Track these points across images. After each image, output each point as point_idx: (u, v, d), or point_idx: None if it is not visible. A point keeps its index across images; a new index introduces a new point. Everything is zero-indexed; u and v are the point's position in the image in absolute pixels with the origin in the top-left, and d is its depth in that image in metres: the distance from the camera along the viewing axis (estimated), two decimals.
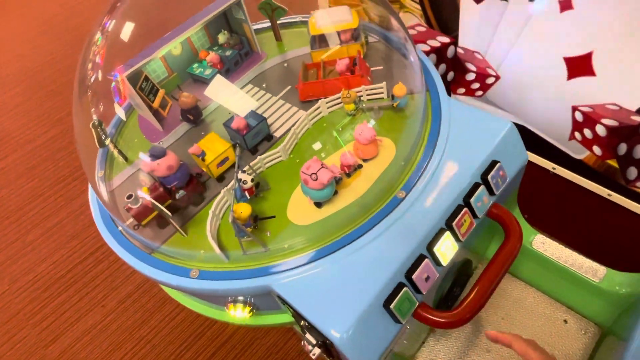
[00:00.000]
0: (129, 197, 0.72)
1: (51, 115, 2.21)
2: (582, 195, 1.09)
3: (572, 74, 0.94)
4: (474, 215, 0.73)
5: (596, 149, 0.98)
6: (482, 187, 0.73)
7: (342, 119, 0.89)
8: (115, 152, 0.90)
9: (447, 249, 0.69)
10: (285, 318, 0.80)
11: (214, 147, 0.80)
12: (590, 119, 0.95)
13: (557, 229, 1.14)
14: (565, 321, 0.92)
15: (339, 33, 0.95)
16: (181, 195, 0.75)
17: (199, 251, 0.73)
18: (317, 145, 0.85)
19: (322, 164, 0.69)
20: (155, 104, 0.98)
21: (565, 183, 1.10)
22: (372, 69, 0.96)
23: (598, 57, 0.88)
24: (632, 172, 0.95)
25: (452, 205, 0.72)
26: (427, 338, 0.94)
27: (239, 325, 0.83)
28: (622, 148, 0.93)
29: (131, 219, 0.80)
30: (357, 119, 0.87)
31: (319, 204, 0.74)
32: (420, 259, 0.67)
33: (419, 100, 0.82)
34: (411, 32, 1.10)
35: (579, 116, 0.98)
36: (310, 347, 0.72)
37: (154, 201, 0.69)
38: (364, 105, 0.87)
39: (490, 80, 1.13)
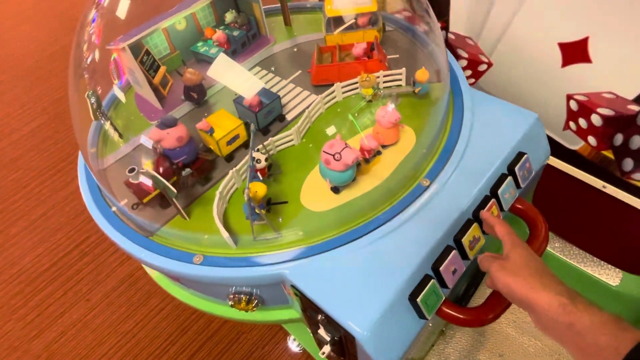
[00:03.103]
0: (131, 170, 0.65)
1: (37, 103, 2.12)
2: (576, 187, 1.06)
3: (567, 61, 0.89)
4: (501, 208, 0.69)
5: (591, 140, 0.95)
6: (509, 179, 0.69)
7: (357, 105, 0.84)
8: (110, 128, 0.82)
9: (474, 242, 0.65)
10: (291, 314, 0.74)
11: (224, 124, 0.74)
12: (585, 108, 0.91)
13: (549, 222, 1.11)
14: None
15: (356, 17, 0.91)
16: (187, 174, 0.69)
17: (204, 235, 0.66)
18: (331, 130, 0.80)
19: (345, 144, 0.63)
20: (156, 81, 0.91)
21: (559, 174, 1.07)
22: (388, 57, 0.92)
23: (594, 43, 0.83)
24: (628, 163, 0.91)
25: (479, 195, 0.67)
26: (437, 341, 0.89)
27: (228, 319, 0.77)
28: (618, 138, 0.90)
29: (126, 199, 0.73)
30: (374, 105, 0.83)
31: (336, 189, 0.69)
32: (447, 250, 0.62)
33: (443, 87, 0.78)
34: (398, 17, 1.06)
35: (573, 105, 0.93)
36: (322, 342, 0.66)
37: (157, 175, 0.62)
38: (381, 90, 0.83)
39: (482, 67, 1.08)
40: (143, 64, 0.87)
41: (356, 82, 0.84)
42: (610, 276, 0.85)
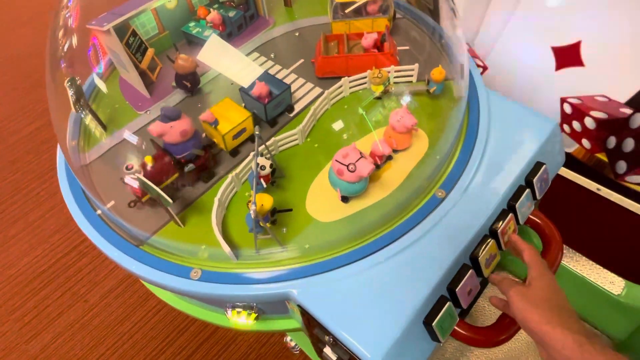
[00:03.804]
0: (129, 168, 0.59)
1: (36, 106, 2.05)
2: (571, 190, 1.06)
3: (560, 65, 0.89)
4: (517, 222, 0.66)
5: (585, 142, 0.95)
6: (527, 191, 0.66)
7: (366, 102, 0.78)
8: (92, 121, 0.74)
9: (491, 259, 0.61)
10: (292, 324, 0.70)
11: (230, 116, 0.67)
12: (579, 111, 0.92)
13: None
14: None
15: (366, 3, 0.83)
16: (190, 170, 0.63)
17: (201, 246, 0.61)
18: (337, 125, 0.74)
19: (361, 153, 0.58)
20: (143, 65, 0.82)
21: (555, 177, 1.08)
22: (398, 48, 0.85)
23: (586, 47, 0.83)
24: (622, 165, 0.91)
25: (497, 209, 0.64)
26: None
27: (225, 328, 0.73)
28: (612, 141, 0.90)
29: (113, 201, 0.66)
30: (383, 102, 0.77)
31: (345, 199, 0.64)
32: (464, 269, 0.59)
33: (460, 88, 0.73)
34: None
35: (567, 108, 0.94)
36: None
37: (148, 182, 0.55)
38: (393, 88, 0.77)
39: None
40: (129, 46, 0.79)
41: (365, 77, 0.78)
42: (614, 285, 0.84)
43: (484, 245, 0.60)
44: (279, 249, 0.59)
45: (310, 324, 0.60)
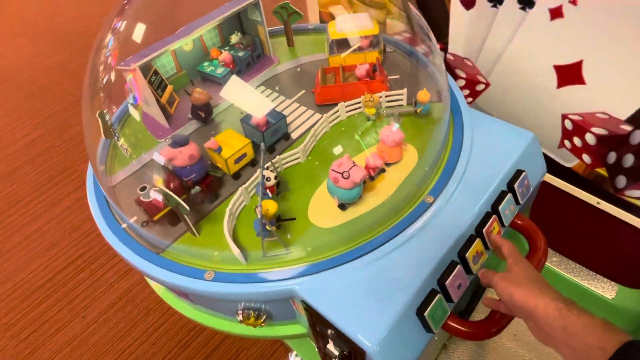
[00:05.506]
0: (143, 189, 0.67)
1: (31, 117, 2.09)
2: (572, 203, 1.10)
3: (562, 82, 0.95)
4: (502, 224, 0.72)
5: (586, 157, 0.99)
6: (509, 195, 0.72)
7: (361, 124, 0.87)
8: (120, 146, 0.84)
9: (477, 257, 0.67)
10: (297, 329, 0.75)
11: (232, 143, 0.76)
12: (580, 128, 0.96)
13: (546, 236, 1.14)
14: None
15: (359, 39, 0.94)
16: (196, 192, 0.70)
17: (214, 251, 0.67)
18: (336, 149, 0.82)
19: (353, 163, 0.66)
20: (163, 100, 0.93)
21: (555, 191, 1.11)
22: (389, 77, 0.95)
23: (588, 66, 0.88)
24: (621, 180, 0.95)
25: (481, 212, 0.70)
26: (440, 355, 0.90)
27: (235, 335, 0.77)
28: (612, 157, 0.94)
29: (136, 217, 0.74)
30: (377, 124, 0.86)
31: (343, 206, 0.71)
32: (452, 265, 0.64)
33: (444, 107, 0.81)
34: (398, 38, 1.10)
35: (568, 124, 0.98)
36: None
37: (169, 192, 0.63)
38: (384, 110, 0.86)
39: (480, 87, 1.13)
40: (151, 83, 0.90)
41: (359, 102, 0.87)
42: (606, 289, 0.87)
43: (471, 244, 0.66)
44: (283, 250, 0.66)
45: (314, 320, 0.65)
